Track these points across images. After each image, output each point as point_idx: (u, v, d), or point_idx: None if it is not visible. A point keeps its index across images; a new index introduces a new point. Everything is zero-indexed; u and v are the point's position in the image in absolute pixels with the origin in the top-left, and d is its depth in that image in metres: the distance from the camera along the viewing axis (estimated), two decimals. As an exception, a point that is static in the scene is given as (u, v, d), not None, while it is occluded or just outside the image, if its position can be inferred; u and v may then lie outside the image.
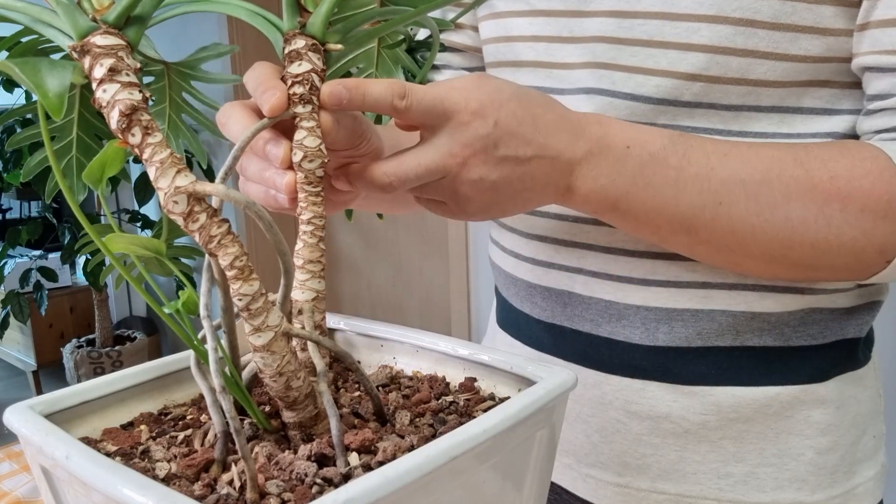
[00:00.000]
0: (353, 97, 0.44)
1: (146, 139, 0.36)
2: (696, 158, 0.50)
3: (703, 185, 0.50)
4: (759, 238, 0.51)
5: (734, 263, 0.54)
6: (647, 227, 0.52)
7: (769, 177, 0.50)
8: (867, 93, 0.53)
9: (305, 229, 0.45)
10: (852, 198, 0.49)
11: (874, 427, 0.65)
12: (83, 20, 0.36)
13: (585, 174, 0.50)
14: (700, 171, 0.50)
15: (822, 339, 0.60)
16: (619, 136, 0.50)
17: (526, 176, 0.48)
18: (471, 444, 0.35)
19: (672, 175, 0.50)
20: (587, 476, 0.66)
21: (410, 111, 0.45)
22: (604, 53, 0.58)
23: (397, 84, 0.44)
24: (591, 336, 0.64)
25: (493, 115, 0.46)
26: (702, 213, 0.50)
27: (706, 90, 0.55)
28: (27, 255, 3.26)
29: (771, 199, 0.50)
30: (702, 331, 0.60)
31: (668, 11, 0.54)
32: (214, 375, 0.37)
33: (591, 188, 0.50)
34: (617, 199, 0.50)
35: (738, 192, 0.50)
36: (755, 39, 0.53)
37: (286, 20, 0.43)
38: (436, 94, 0.46)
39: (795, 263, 0.52)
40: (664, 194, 0.50)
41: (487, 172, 0.47)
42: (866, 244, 0.50)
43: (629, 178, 0.50)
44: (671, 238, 0.53)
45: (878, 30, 0.51)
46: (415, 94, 0.45)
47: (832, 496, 0.62)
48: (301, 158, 0.43)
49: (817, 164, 0.50)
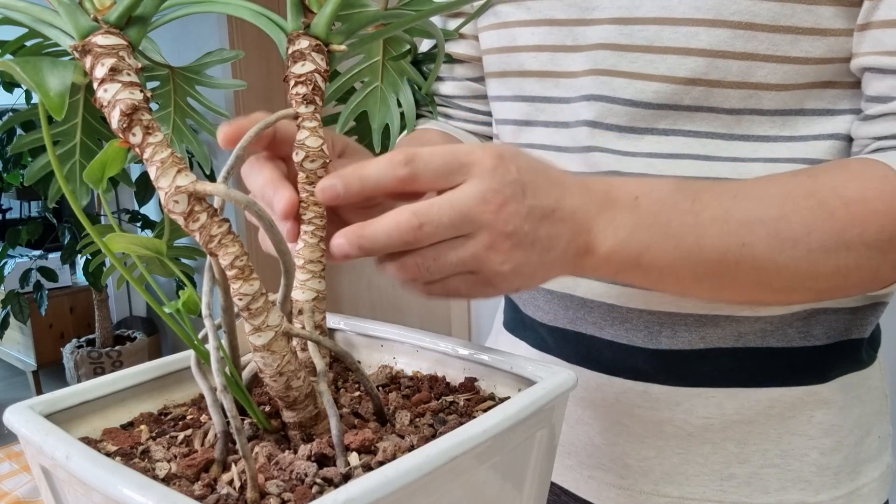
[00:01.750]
0: (350, 185, 0.41)
1: (147, 139, 0.36)
2: (708, 201, 0.48)
3: (723, 228, 0.48)
4: (784, 274, 0.49)
5: (755, 301, 0.52)
6: (670, 279, 0.49)
7: (784, 212, 0.48)
8: (866, 94, 0.53)
9: (306, 229, 0.45)
10: (869, 221, 0.48)
11: (880, 427, 0.65)
12: (84, 20, 0.36)
13: (604, 230, 0.46)
14: (717, 214, 0.48)
15: (825, 340, 0.60)
16: (623, 188, 0.48)
17: (552, 231, 0.44)
18: (471, 444, 0.35)
19: (689, 220, 0.48)
20: (589, 478, 0.66)
21: (419, 176, 0.41)
22: (605, 60, 0.58)
23: (397, 153, 0.41)
24: (593, 339, 0.64)
25: (513, 163, 0.43)
26: (725, 257, 0.48)
27: (706, 94, 0.55)
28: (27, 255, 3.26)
29: (791, 234, 0.48)
30: (705, 334, 0.60)
31: (666, 17, 0.54)
32: (216, 375, 0.37)
33: (612, 245, 0.46)
34: (640, 253, 0.47)
35: (759, 231, 0.48)
36: (755, 42, 0.52)
37: (290, 20, 0.43)
38: (444, 151, 0.42)
39: (817, 291, 0.51)
40: (686, 241, 0.48)
41: (521, 223, 0.42)
42: (882, 261, 0.49)
43: (647, 229, 0.47)
44: (694, 286, 0.50)
45: (879, 30, 0.51)
46: (421, 156, 0.41)
47: (836, 497, 0.61)
48: (303, 158, 0.43)
49: (828, 192, 0.49)
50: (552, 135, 0.63)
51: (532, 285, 0.46)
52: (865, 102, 0.53)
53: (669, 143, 0.57)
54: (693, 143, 0.57)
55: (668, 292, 0.53)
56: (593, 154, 0.59)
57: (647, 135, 0.57)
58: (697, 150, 0.57)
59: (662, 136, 0.57)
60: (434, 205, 0.41)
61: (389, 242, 0.41)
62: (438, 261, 0.42)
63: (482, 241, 0.42)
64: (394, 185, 0.41)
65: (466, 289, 0.44)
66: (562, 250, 0.45)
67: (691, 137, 0.57)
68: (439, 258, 0.42)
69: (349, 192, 0.42)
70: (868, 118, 0.53)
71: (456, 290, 0.44)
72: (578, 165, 0.61)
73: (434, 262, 0.42)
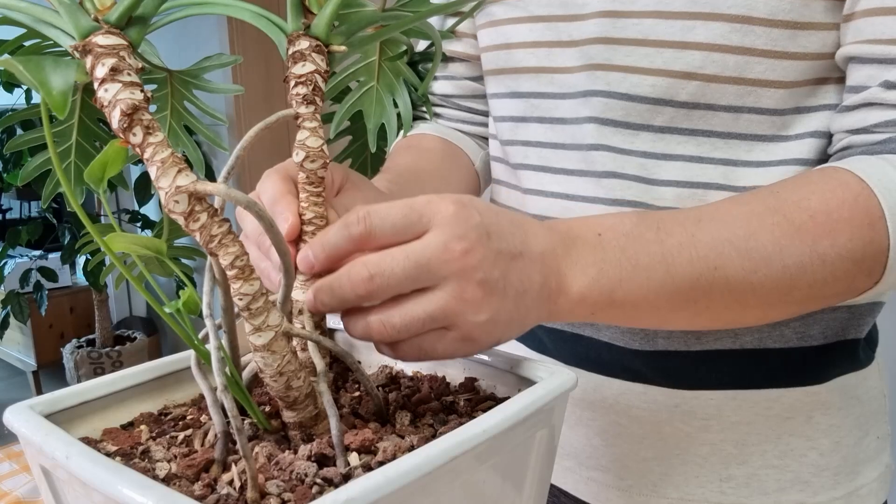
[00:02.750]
0: (317, 255, 0.41)
1: (147, 139, 0.36)
2: (671, 228, 0.47)
3: (692, 253, 0.47)
4: (759, 292, 0.48)
5: (734, 321, 0.51)
6: (647, 312, 0.48)
7: (751, 230, 0.47)
8: (847, 84, 0.53)
9: (307, 229, 0.45)
10: (837, 230, 0.47)
11: (878, 428, 0.65)
12: (85, 20, 0.36)
13: (573, 270, 0.45)
14: (682, 240, 0.47)
15: (822, 341, 0.60)
16: (583, 226, 0.47)
17: (523, 274, 0.43)
18: (471, 444, 0.35)
19: (656, 250, 0.46)
20: (589, 479, 0.66)
21: (374, 233, 0.40)
22: (599, 54, 0.58)
23: (350, 214, 0.41)
24: (591, 340, 0.64)
25: (474, 208, 0.42)
26: (698, 283, 0.47)
27: (702, 89, 0.55)
28: (27, 255, 3.26)
29: (763, 251, 0.47)
30: (701, 336, 0.60)
31: (662, 10, 0.54)
32: (216, 375, 0.37)
33: (583, 285, 0.45)
34: (612, 289, 0.46)
35: (729, 252, 0.47)
36: (752, 37, 0.52)
37: (290, 21, 0.43)
38: (401, 204, 0.41)
39: (793, 303, 0.50)
40: (657, 272, 0.46)
41: (491, 269, 0.41)
42: (857, 271, 0.48)
43: (615, 264, 0.46)
44: (671, 316, 0.49)
45: (861, 19, 0.51)
46: (377, 213, 0.40)
47: (835, 498, 0.61)
48: (303, 158, 0.43)
49: (791, 207, 0.48)
50: (547, 131, 0.63)
51: (511, 336, 0.44)
52: (846, 93, 0.53)
53: (664, 142, 0.57)
54: (688, 142, 0.57)
55: (649, 326, 0.52)
56: (596, 152, 0.59)
57: (643, 131, 0.57)
58: (692, 151, 0.57)
59: (658, 133, 0.57)
60: (387, 255, 0.40)
61: (344, 296, 0.40)
62: (403, 317, 0.40)
63: (450, 292, 0.40)
64: (352, 246, 0.41)
65: (444, 347, 0.42)
66: (536, 293, 0.44)
67: (687, 136, 0.57)
68: (403, 314, 0.40)
69: (319, 262, 0.42)
70: (844, 109, 0.53)
71: (433, 350, 0.42)
72: (577, 163, 0.61)
73: (398, 319, 0.40)
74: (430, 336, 0.41)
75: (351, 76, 0.66)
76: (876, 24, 0.50)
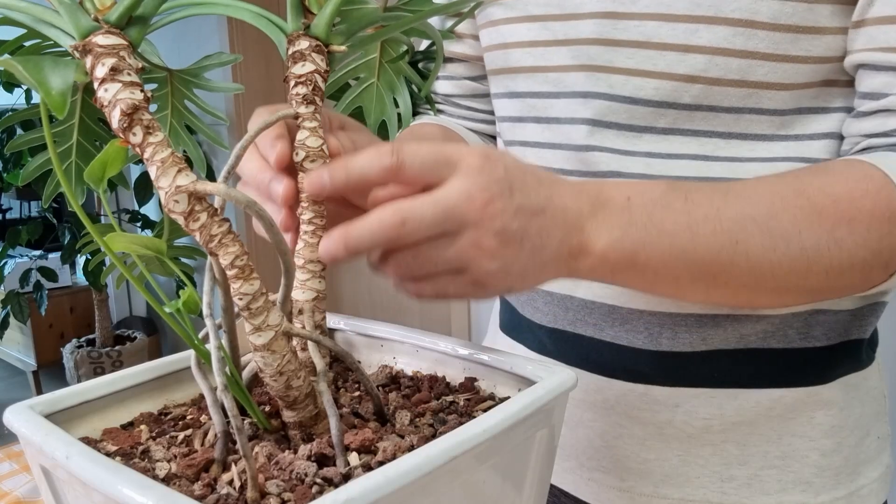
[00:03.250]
0: (335, 176, 0.41)
1: (147, 138, 0.36)
2: (699, 200, 0.48)
3: (716, 226, 0.48)
4: (777, 272, 0.49)
5: (748, 301, 0.52)
6: (667, 280, 0.49)
7: (775, 210, 0.49)
8: (859, 90, 0.53)
9: (306, 229, 0.45)
10: (858, 220, 0.48)
11: (878, 428, 0.65)
12: (85, 20, 0.36)
13: (598, 229, 0.46)
14: (709, 213, 0.48)
15: (825, 342, 0.60)
16: (615, 189, 0.48)
17: (543, 230, 0.44)
18: (471, 444, 0.35)
19: (682, 219, 0.48)
20: (589, 480, 0.66)
21: (405, 166, 0.41)
22: (599, 56, 0.57)
23: (383, 145, 0.42)
24: (593, 340, 0.64)
25: (500, 161, 0.43)
26: (719, 256, 0.48)
27: (706, 92, 0.55)
28: (27, 255, 3.26)
29: (783, 231, 0.48)
30: (706, 335, 0.60)
31: (664, 13, 0.54)
32: (217, 374, 0.37)
33: (606, 244, 0.46)
34: (635, 251, 0.47)
35: (751, 228, 0.48)
36: (755, 40, 0.53)
37: (290, 21, 0.43)
38: (432, 145, 0.43)
39: (809, 291, 0.51)
40: (680, 240, 0.48)
41: (509, 221, 0.42)
42: (874, 262, 0.49)
43: (641, 227, 0.47)
44: (690, 287, 0.50)
45: (874, 27, 0.51)
46: (407, 149, 0.41)
47: (836, 498, 0.61)
48: (303, 159, 0.43)
49: (815, 191, 0.49)
50: (543, 131, 0.63)
51: (525, 287, 0.45)
52: (858, 99, 0.53)
53: (667, 142, 0.57)
54: (691, 142, 0.57)
55: (666, 295, 0.53)
56: (592, 153, 0.59)
57: (646, 133, 0.57)
58: (695, 150, 0.57)
59: (661, 135, 0.57)
60: (417, 201, 0.41)
61: (374, 240, 0.41)
62: (424, 259, 0.42)
63: (468, 239, 0.42)
64: (379, 176, 0.41)
65: (456, 289, 0.44)
66: (554, 250, 0.45)
67: (690, 137, 0.57)
68: (425, 256, 0.42)
69: (335, 183, 0.41)
70: (860, 115, 0.53)
71: (445, 291, 0.44)
72: (571, 163, 0.61)
73: (419, 260, 0.42)
74: (445, 278, 0.43)
75: (351, 73, 0.66)
76: (889, 33, 0.50)
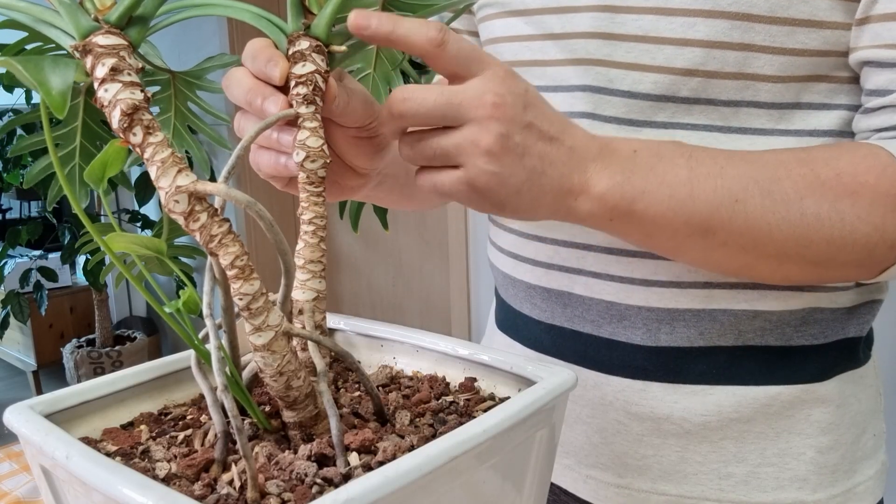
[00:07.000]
0: (382, 25, 0.42)
1: (147, 139, 0.36)
2: (703, 159, 0.50)
3: (717, 183, 0.49)
4: (776, 236, 0.50)
5: (749, 266, 0.53)
6: (665, 232, 0.50)
7: (778, 175, 0.50)
8: (865, 87, 0.54)
9: (307, 229, 0.45)
10: (860, 193, 0.49)
11: (874, 426, 0.65)
12: (85, 20, 0.36)
13: (600, 172, 0.48)
14: (711, 170, 0.50)
15: (823, 339, 0.61)
16: (624, 143, 0.50)
17: (546, 156, 0.46)
18: (471, 444, 0.35)
19: (684, 174, 0.49)
20: (588, 477, 0.66)
21: (447, 46, 0.42)
22: (597, 50, 0.58)
23: (433, 21, 0.43)
24: (591, 337, 0.64)
25: (526, 83, 0.45)
26: (718, 212, 0.49)
27: (703, 85, 0.55)
28: (27, 255, 3.26)
29: (784, 195, 0.49)
30: (704, 331, 0.60)
31: (662, 6, 0.54)
32: (217, 374, 0.37)
33: (607, 186, 0.48)
34: (634, 198, 0.48)
35: (752, 189, 0.49)
36: (752, 33, 0.53)
37: (290, 22, 0.43)
38: (472, 43, 0.45)
39: (810, 262, 0.51)
40: (680, 192, 0.49)
41: (514, 131, 0.44)
42: (878, 240, 0.50)
43: (643, 176, 0.49)
44: (687, 243, 0.51)
45: (878, 24, 0.51)
46: (453, 33, 0.43)
47: (833, 495, 0.62)
48: (303, 158, 0.43)
49: (820, 163, 0.50)
50: None
51: (518, 210, 0.46)
52: (865, 96, 0.54)
53: (667, 136, 0.57)
54: (691, 136, 0.57)
55: (664, 251, 0.53)
56: None
57: (646, 128, 0.58)
58: (696, 143, 0.57)
59: (661, 129, 0.57)
60: (426, 87, 0.43)
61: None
62: (424, 144, 0.45)
63: (467, 134, 0.43)
64: (421, 45, 0.42)
65: (451, 184, 0.45)
66: (555, 182, 0.46)
67: (689, 130, 0.57)
68: (426, 142, 0.45)
69: (378, 31, 0.42)
70: (868, 111, 0.54)
71: (441, 183, 0.45)
72: None
73: (421, 145, 0.45)
74: (445, 172, 0.45)
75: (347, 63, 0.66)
76: (894, 29, 0.50)
